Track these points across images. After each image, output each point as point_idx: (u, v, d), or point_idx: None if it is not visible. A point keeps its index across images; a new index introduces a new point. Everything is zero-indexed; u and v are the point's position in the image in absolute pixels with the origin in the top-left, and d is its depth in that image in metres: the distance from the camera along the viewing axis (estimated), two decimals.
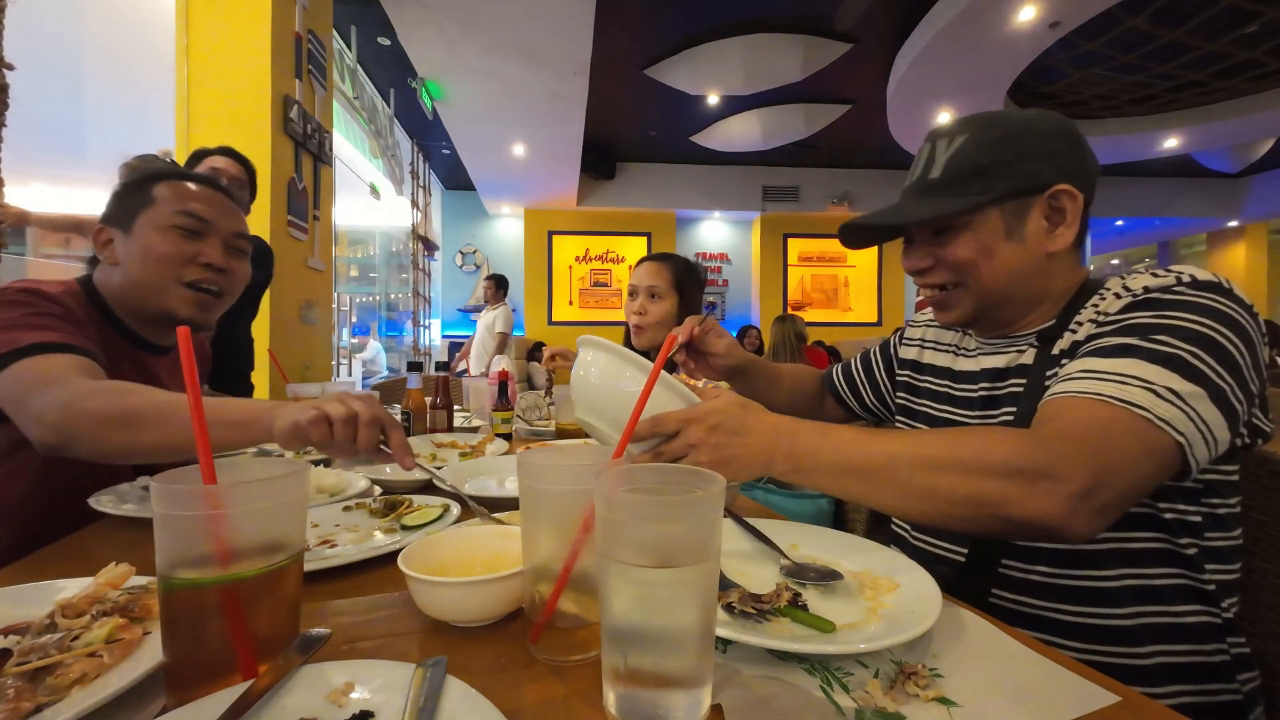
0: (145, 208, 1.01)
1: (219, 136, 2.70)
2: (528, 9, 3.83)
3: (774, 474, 0.61)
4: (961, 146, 0.73)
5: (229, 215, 1.07)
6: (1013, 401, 0.75)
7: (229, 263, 1.07)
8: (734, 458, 0.60)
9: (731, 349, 0.99)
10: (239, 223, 1.10)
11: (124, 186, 1.04)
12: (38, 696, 0.39)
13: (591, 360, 0.69)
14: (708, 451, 0.60)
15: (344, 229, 6.11)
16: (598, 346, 0.69)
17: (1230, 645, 0.65)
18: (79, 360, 0.84)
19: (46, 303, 0.91)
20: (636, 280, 1.72)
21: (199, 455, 0.44)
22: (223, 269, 1.05)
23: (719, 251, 9.21)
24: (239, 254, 1.10)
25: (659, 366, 0.59)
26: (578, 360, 0.71)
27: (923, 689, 0.43)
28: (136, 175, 1.05)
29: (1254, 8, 4.32)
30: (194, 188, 1.05)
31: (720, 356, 0.98)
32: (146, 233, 1.00)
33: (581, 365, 0.70)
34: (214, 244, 1.05)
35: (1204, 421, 0.56)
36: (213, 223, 1.04)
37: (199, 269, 1.03)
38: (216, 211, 1.05)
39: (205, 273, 1.04)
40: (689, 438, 0.61)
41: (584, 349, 0.70)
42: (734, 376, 1.03)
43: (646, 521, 0.38)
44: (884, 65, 5.34)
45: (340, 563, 0.65)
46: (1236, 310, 0.60)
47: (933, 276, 0.78)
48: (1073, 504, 0.52)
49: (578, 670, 0.46)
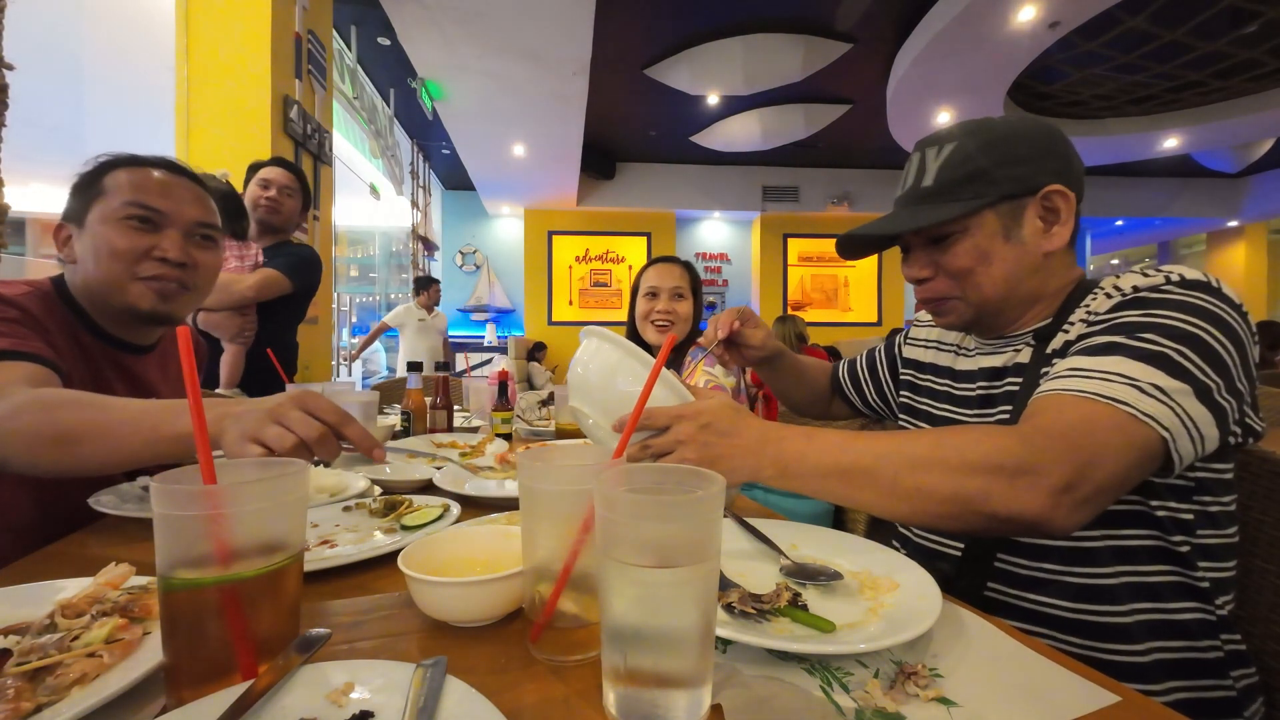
0: (96, 200, 0.94)
1: (219, 137, 2.71)
2: (528, 9, 3.83)
3: (761, 480, 0.61)
4: (952, 154, 0.74)
5: (190, 202, 0.99)
6: (1008, 400, 0.76)
7: (190, 254, 0.99)
8: (720, 457, 0.61)
9: (767, 340, 1.01)
10: (202, 210, 1.01)
11: (78, 179, 0.97)
12: (37, 697, 0.39)
13: (595, 350, 0.69)
14: (695, 449, 0.61)
15: (344, 229, 6.10)
16: (602, 338, 0.70)
17: (1224, 642, 0.65)
18: (27, 368, 0.79)
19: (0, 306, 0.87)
20: (658, 282, 1.74)
21: (199, 455, 0.44)
22: (181, 262, 0.97)
23: (719, 251, 9.21)
24: (203, 243, 1.02)
25: (659, 364, 0.60)
26: (580, 349, 0.72)
27: (923, 689, 0.43)
28: (89, 165, 0.97)
29: (1254, 8, 4.32)
30: (149, 174, 0.97)
31: (756, 349, 1.00)
32: (98, 227, 0.94)
33: (584, 354, 0.71)
34: (171, 236, 0.97)
35: (1189, 417, 0.56)
36: (168, 213, 0.96)
37: (154, 264, 0.96)
38: (173, 200, 0.97)
39: (162, 267, 0.96)
40: (678, 434, 0.62)
41: (587, 339, 0.71)
42: (764, 366, 1.06)
43: (646, 521, 0.38)
44: (884, 65, 5.34)
45: (340, 563, 0.65)
46: (1225, 309, 0.61)
47: (933, 286, 0.79)
48: (1054, 498, 0.53)
49: (578, 670, 0.46)
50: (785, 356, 1.06)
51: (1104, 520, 0.66)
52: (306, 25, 3.13)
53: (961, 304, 0.77)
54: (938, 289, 0.78)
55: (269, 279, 1.93)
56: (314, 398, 0.63)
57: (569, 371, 0.73)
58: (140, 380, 1.05)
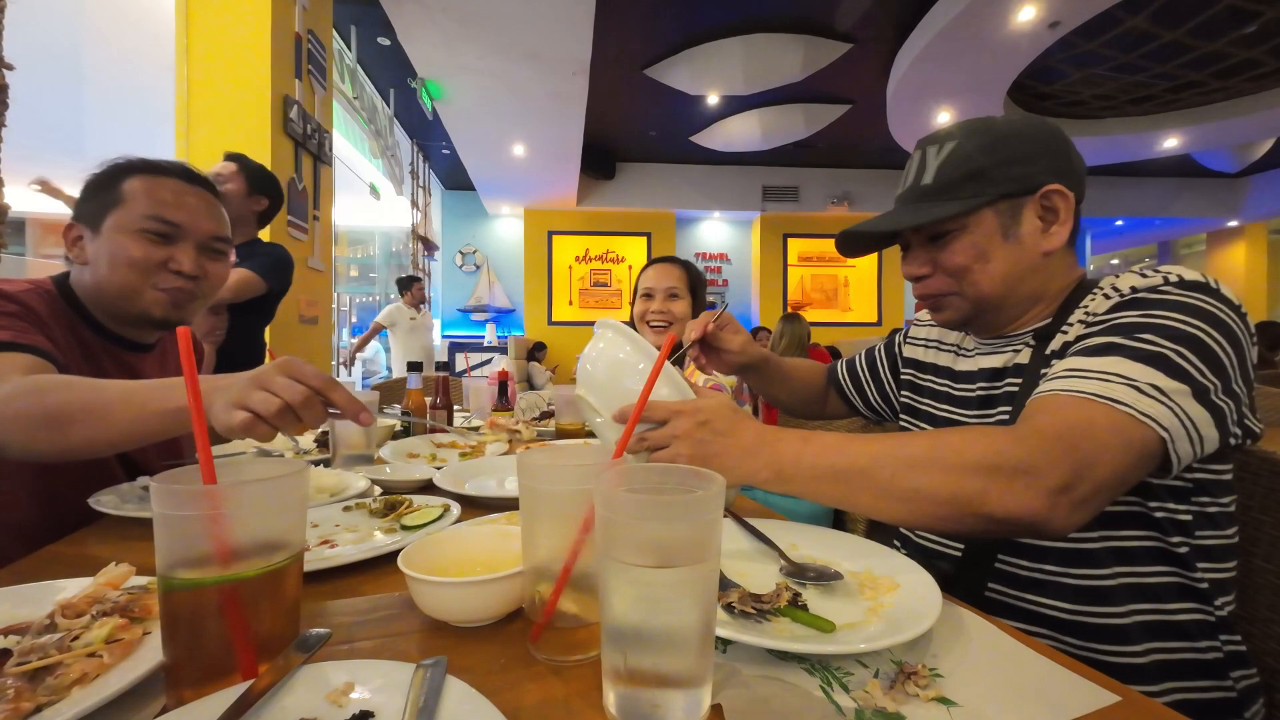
0: (114, 207, 0.96)
1: (219, 136, 2.71)
2: (528, 9, 3.83)
3: (756, 483, 0.61)
4: (952, 152, 0.74)
5: (205, 216, 1.02)
6: (1008, 401, 0.75)
7: (203, 267, 1.02)
8: (715, 455, 0.61)
9: (746, 346, 0.98)
10: (216, 223, 1.04)
11: (94, 180, 0.99)
12: (37, 697, 0.39)
13: (605, 341, 0.71)
14: (690, 445, 0.61)
15: (344, 229, 6.11)
16: (616, 330, 0.71)
17: (1224, 643, 0.65)
18: (25, 359, 0.81)
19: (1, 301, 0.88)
20: (653, 283, 1.74)
21: (199, 455, 0.44)
22: (194, 275, 1.00)
23: (719, 251, 9.21)
24: (214, 256, 1.04)
25: (661, 361, 0.60)
26: (592, 339, 0.73)
27: (923, 689, 0.43)
28: (106, 168, 0.99)
29: (1254, 8, 4.32)
30: (166, 185, 0.98)
31: (734, 354, 0.98)
32: (114, 235, 0.95)
33: (594, 345, 0.72)
34: (186, 249, 0.99)
35: (1188, 417, 0.56)
36: (184, 226, 0.99)
37: (169, 275, 0.98)
38: (190, 213, 0.99)
39: (176, 280, 0.99)
40: (675, 428, 0.62)
41: (600, 330, 0.72)
42: (746, 373, 1.03)
43: (646, 521, 0.38)
44: (884, 65, 5.34)
45: (340, 563, 0.65)
46: (1223, 310, 0.61)
47: (931, 283, 0.79)
48: (1052, 499, 0.53)
49: (578, 670, 0.46)
50: (769, 363, 1.05)
51: (1102, 521, 0.66)
52: (306, 25, 3.13)
53: (959, 300, 0.77)
54: (936, 286, 0.78)
55: (245, 280, 1.91)
56: (298, 365, 0.63)
57: (579, 360, 0.74)
58: (140, 377, 1.05)
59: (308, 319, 3.19)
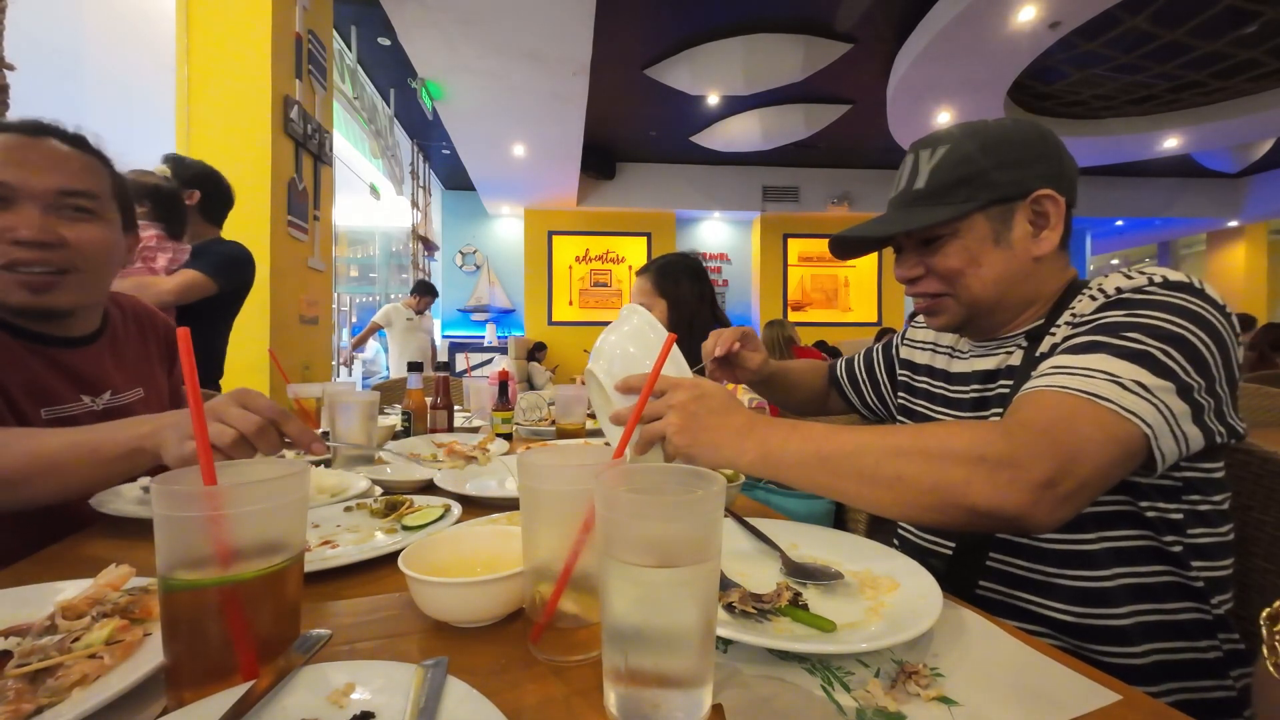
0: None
1: (219, 136, 2.71)
2: (528, 9, 3.82)
3: (743, 464, 0.61)
4: (944, 157, 0.74)
5: (49, 169, 0.82)
6: (1001, 403, 0.76)
7: (56, 232, 0.82)
8: (705, 429, 0.61)
9: (764, 365, 1.03)
10: (65, 175, 0.83)
11: None
12: (38, 698, 0.39)
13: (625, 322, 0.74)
14: (683, 416, 0.62)
15: (344, 229, 6.10)
16: (640, 316, 0.74)
17: (1222, 642, 0.66)
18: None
19: None
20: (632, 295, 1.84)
21: (199, 456, 0.44)
22: (43, 242, 0.81)
23: (719, 251, 9.20)
24: (76, 215, 0.84)
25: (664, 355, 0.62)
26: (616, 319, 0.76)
27: (924, 688, 0.43)
28: None
29: (1254, 8, 4.32)
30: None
31: (752, 372, 1.02)
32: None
33: (615, 324, 0.75)
34: (27, 212, 0.80)
35: (1171, 414, 0.56)
36: (17, 185, 0.80)
37: (9, 247, 0.80)
38: (28, 169, 0.80)
39: (19, 251, 0.80)
40: (671, 399, 0.63)
41: (625, 312, 0.76)
42: (758, 385, 1.08)
43: (647, 521, 0.38)
44: (884, 65, 5.34)
45: (341, 563, 0.65)
46: (1208, 310, 0.61)
47: (923, 285, 0.79)
48: (1035, 493, 0.52)
49: (578, 670, 0.46)
50: (777, 375, 1.09)
51: (1097, 522, 0.66)
52: (306, 25, 3.13)
53: (953, 303, 0.78)
54: (928, 288, 0.79)
55: (190, 281, 1.81)
56: (252, 395, 0.64)
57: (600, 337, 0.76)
58: (86, 374, 0.93)
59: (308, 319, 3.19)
